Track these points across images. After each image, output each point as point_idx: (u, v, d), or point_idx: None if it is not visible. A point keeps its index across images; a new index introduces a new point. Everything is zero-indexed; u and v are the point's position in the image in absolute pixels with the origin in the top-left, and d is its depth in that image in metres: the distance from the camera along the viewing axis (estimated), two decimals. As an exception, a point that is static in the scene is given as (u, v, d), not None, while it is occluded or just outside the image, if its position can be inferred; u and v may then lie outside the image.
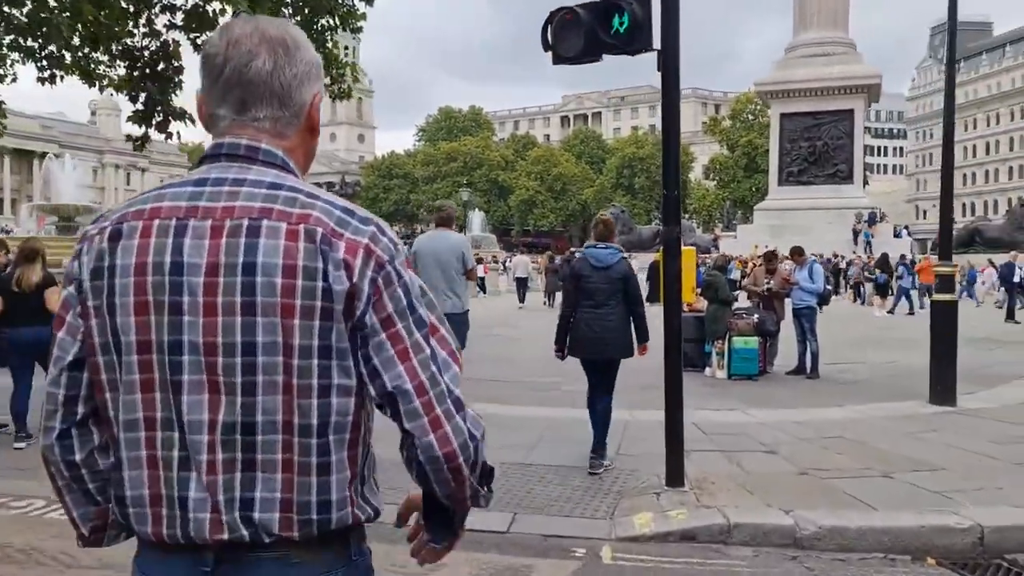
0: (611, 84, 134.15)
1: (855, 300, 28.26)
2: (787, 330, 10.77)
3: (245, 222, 1.14)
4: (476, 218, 64.58)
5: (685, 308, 10.51)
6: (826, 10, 43.25)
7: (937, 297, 8.34)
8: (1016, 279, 20.21)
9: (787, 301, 10.68)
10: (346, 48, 14.37)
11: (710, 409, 8.15)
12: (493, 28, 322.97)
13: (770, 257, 10.72)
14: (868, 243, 38.83)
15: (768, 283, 10.49)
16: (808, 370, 10.36)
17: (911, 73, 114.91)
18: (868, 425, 7.43)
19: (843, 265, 32.24)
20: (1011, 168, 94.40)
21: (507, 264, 37.00)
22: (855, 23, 44.52)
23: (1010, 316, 19.90)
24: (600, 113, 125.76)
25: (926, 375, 10.27)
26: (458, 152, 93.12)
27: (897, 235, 43.41)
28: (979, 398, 8.81)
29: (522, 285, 26.58)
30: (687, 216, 78.46)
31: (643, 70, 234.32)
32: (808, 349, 10.40)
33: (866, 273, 28.01)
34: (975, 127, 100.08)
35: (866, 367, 11.48)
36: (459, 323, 6.83)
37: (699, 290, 10.65)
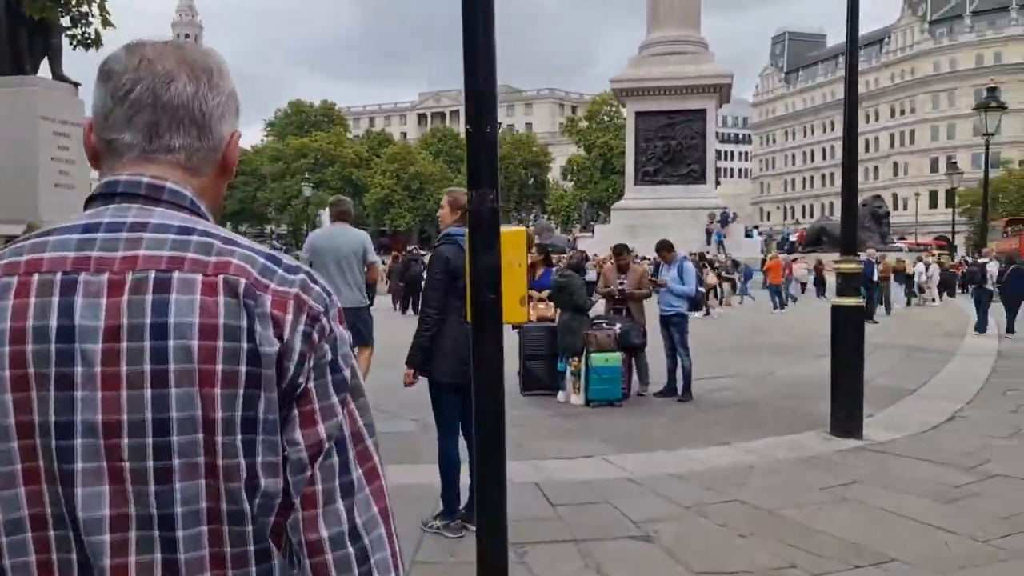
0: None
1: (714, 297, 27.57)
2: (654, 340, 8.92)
3: (151, 275, 0.99)
4: (326, 217, 60.85)
5: (531, 318, 8.44)
6: (678, 8, 43.21)
7: (839, 301, 6.62)
8: (875, 278, 19.62)
9: (646, 305, 8.82)
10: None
11: (561, 458, 6.05)
12: (353, 25, 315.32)
13: (620, 250, 8.88)
14: (720, 243, 38.95)
15: (622, 282, 8.60)
16: (680, 391, 8.53)
17: (753, 80, 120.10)
18: (768, 477, 5.55)
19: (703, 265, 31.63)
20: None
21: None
22: (704, 28, 44.68)
23: (868, 316, 19.26)
24: (458, 111, 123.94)
25: (811, 390, 8.79)
26: (309, 148, 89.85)
27: (748, 235, 43.99)
28: (881, 423, 7.21)
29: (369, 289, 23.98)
30: (546, 216, 78.23)
31: (502, 68, 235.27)
32: (679, 364, 8.57)
33: (723, 273, 27.32)
34: (812, 133, 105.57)
35: (744, 382, 9.82)
36: (365, 318, 6.96)
37: (546, 294, 8.62)
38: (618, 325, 8.21)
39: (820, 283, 30.97)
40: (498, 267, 2.87)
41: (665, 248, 8.73)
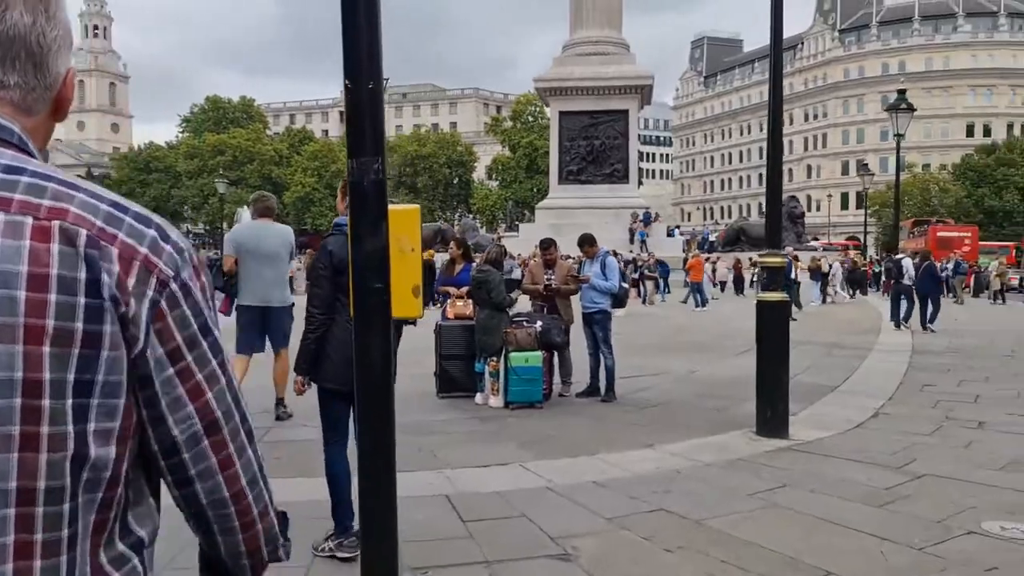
0: (392, 81, 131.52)
1: (637, 296, 27.64)
2: (578, 339, 8.56)
3: None
4: (245, 215, 58.93)
5: (449, 316, 8.00)
6: (601, 8, 43.36)
7: (765, 297, 6.37)
8: (792, 275, 19.85)
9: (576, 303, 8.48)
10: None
11: (476, 466, 5.61)
12: (275, 22, 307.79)
13: (547, 245, 8.47)
14: (643, 242, 39.31)
15: (548, 278, 8.22)
16: (603, 391, 8.19)
17: (675, 84, 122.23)
18: (695, 482, 5.23)
19: (621, 265, 31.69)
20: (761, 175, 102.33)
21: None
22: (625, 31, 45.05)
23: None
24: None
25: (735, 389, 8.59)
26: (226, 145, 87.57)
27: (670, 234, 44.48)
28: (806, 422, 7.01)
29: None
30: (471, 215, 77.81)
31: (427, 68, 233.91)
32: (602, 364, 8.23)
33: (646, 271, 27.42)
34: (730, 136, 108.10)
35: (668, 381, 9.56)
36: (286, 317, 6.75)
37: (465, 291, 8.15)
38: (539, 323, 7.81)
39: (738, 282, 31.49)
40: (385, 251, 2.41)
41: (587, 243, 8.37)
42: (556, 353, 8.23)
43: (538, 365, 7.57)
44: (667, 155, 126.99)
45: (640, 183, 52.47)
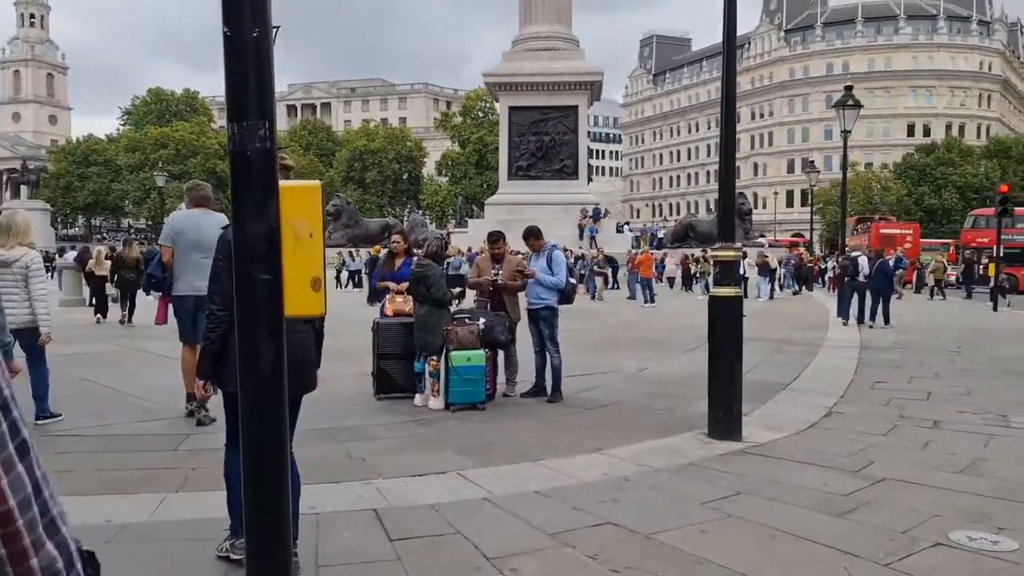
0: (341, 75, 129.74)
1: (585, 292, 27.46)
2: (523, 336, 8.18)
3: None
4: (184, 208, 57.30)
5: (388, 312, 7.56)
6: (550, 4, 43.12)
7: (718, 292, 6.07)
8: (741, 271, 19.82)
9: (523, 299, 8.09)
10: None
11: (410, 475, 5.17)
12: (217, 15, 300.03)
13: (495, 238, 7.99)
14: (593, 238, 39.21)
15: (496, 273, 7.82)
16: (549, 391, 7.83)
17: (623, 82, 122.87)
18: (644, 491, 4.88)
19: (571, 260, 31.47)
20: (709, 172, 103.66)
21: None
22: (575, 29, 44.91)
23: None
24: (330, 104, 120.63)
25: (685, 388, 8.32)
26: (169, 138, 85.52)
27: (619, 231, 44.48)
28: (759, 422, 6.73)
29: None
30: (420, 211, 77.01)
31: (377, 63, 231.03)
32: (548, 363, 7.87)
33: (596, 267, 27.22)
34: (678, 134, 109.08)
35: (617, 379, 9.24)
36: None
37: (405, 287, 7.70)
38: (481, 320, 7.40)
39: (687, 278, 31.54)
40: (274, 236, 1.98)
41: (533, 235, 7.99)
42: (501, 351, 7.86)
43: (481, 364, 7.16)
44: (617, 152, 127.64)
45: (590, 179, 52.55)
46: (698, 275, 26.89)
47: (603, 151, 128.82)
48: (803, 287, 30.57)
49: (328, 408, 7.16)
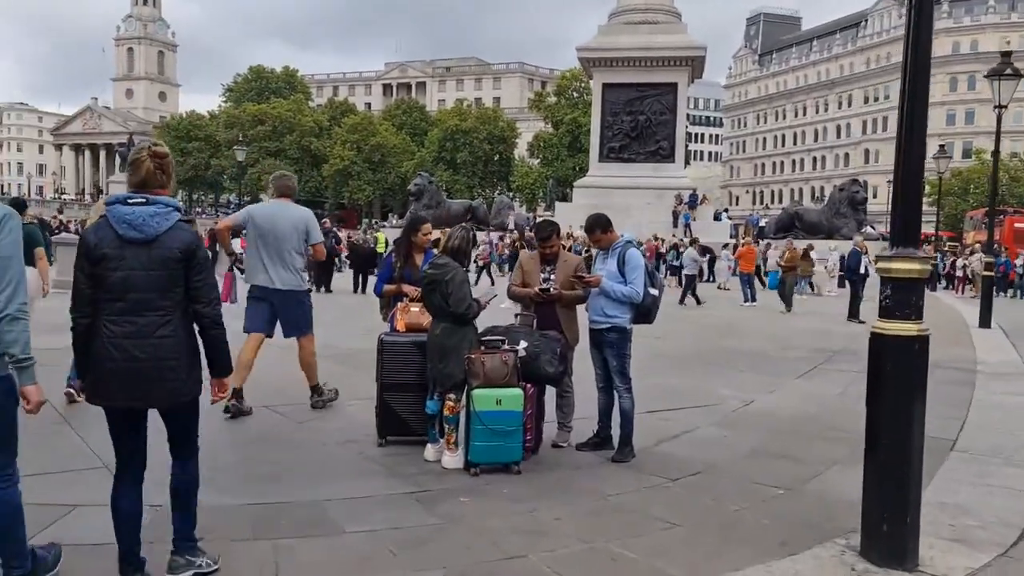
0: (437, 54, 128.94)
1: (677, 286, 24.97)
2: (581, 365, 5.99)
3: None
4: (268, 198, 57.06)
5: (399, 327, 5.53)
6: (651, -27, 40.17)
7: (888, 327, 3.69)
8: (863, 270, 16.93)
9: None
10: None
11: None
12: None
13: (546, 232, 5.70)
14: (688, 226, 36.36)
15: (547, 278, 5.67)
16: (616, 444, 5.64)
17: (727, 62, 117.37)
18: None
19: (664, 249, 28.87)
20: (815, 158, 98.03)
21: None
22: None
23: (853, 315, 16.60)
24: (425, 83, 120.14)
25: (807, 438, 6.00)
26: (267, 115, 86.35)
27: (717, 218, 41.44)
28: (933, 527, 4.28)
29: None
30: (510, 193, 75.21)
31: (471, 41, 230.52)
32: (616, 402, 5.69)
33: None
34: (784, 117, 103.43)
35: (709, 423, 6.93)
36: (299, 302, 6.50)
37: (419, 293, 5.63)
38: (522, 344, 5.26)
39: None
40: None
41: (600, 227, 5.73)
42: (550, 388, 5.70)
43: (515, 410, 5.02)
44: (717, 136, 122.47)
45: (687, 163, 49.38)
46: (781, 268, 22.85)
47: (702, 134, 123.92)
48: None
49: (308, 457, 5.21)
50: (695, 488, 5.04)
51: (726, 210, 60.15)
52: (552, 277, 5.72)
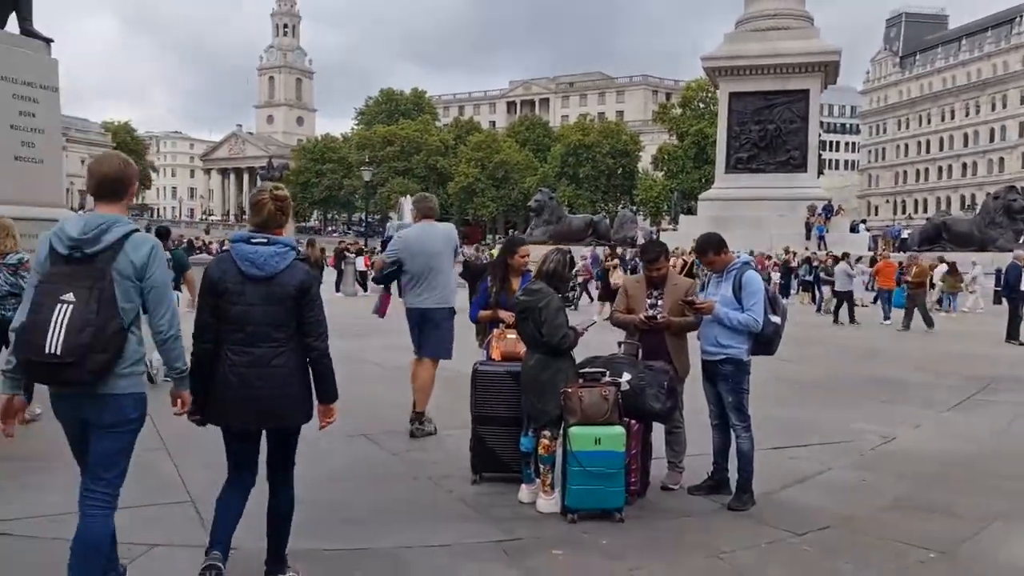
0: (561, 70, 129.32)
1: (811, 302, 23.62)
2: (693, 396, 5.42)
3: None
4: (406, 205, 58.64)
5: (494, 355, 5.21)
6: (781, -23, 38.61)
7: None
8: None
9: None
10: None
11: None
12: (460, 16, 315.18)
13: (654, 254, 5.15)
14: (822, 238, 34.53)
15: (655, 303, 5.15)
16: (733, 489, 5.05)
17: (864, 67, 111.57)
18: None
19: (795, 263, 27.35)
20: (964, 164, 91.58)
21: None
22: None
23: (1013, 336, 14.96)
24: (548, 99, 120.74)
25: (960, 485, 5.20)
26: (395, 136, 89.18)
27: (854, 230, 39.12)
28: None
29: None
30: (633, 207, 74.15)
31: (596, 56, 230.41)
32: (734, 440, 5.09)
33: (823, 273, 23.11)
34: (928, 122, 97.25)
35: (845, 460, 6.18)
36: (438, 319, 6.45)
37: (512, 320, 5.24)
38: (625, 376, 4.78)
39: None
40: None
41: (712, 247, 5.12)
42: (657, 424, 5.17)
43: (617, 451, 4.53)
44: (853, 144, 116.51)
45: (820, 173, 47.02)
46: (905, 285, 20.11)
47: (837, 143, 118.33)
48: None
49: (398, 495, 4.92)
50: (825, 546, 4.38)
51: (863, 221, 56.87)
52: (660, 303, 5.19)
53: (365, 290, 24.92)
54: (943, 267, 23.90)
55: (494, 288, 5.68)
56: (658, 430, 5.33)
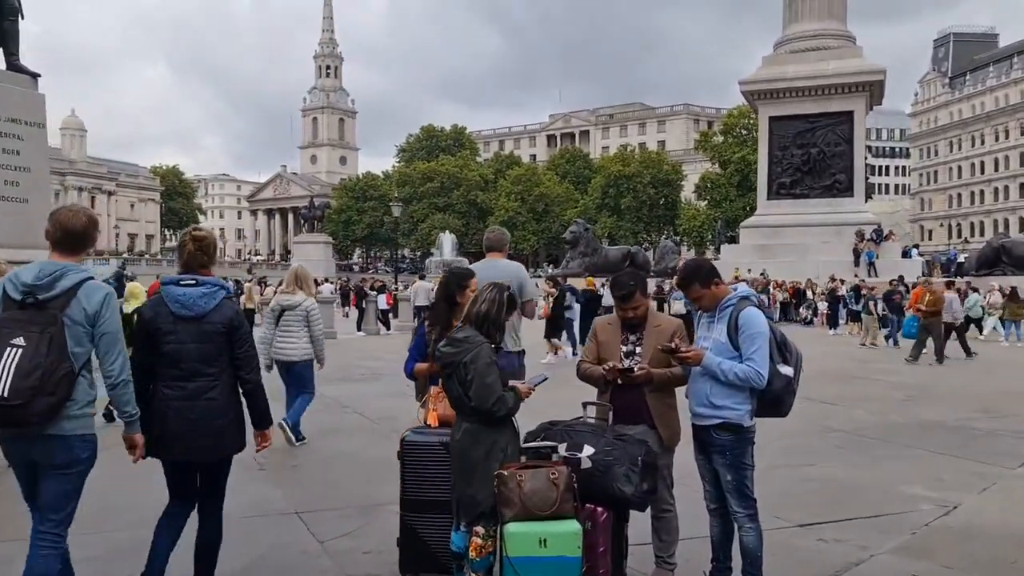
0: (601, 102, 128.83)
1: (859, 332, 21.95)
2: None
3: None
4: (447, 241, 58.11)
5: (430, 421, 4.09)
6: (820, -4, 37.33)
7: None
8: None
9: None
10: None
11: None
12: (498, 55, 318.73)
13: (626, 291, 3.94)
14: (872, 264, 32.76)
15: (632, 351, 4.01)
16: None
17: (912, 89, 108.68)
18: None
19: (842, 292, 25.70)
20: (1021, 185, 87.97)
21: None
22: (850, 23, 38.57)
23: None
24: (588, 131, 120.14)
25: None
26: (435, 172, 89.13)
27: (906, 255, 37.14)
28: None
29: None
30: (676, 237, 72.61)
31: (635, 86, 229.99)
32: (736, 531, 3.89)
33: (869, 303, 21.40)
34: (982, 142, 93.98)
35: (896, 543, 4.91)
36: (512, 363, 5.13)
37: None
38: (586, 450, 3.63)
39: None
40: None
41: (700, 278, 3.92)
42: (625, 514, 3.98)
43: (571, 555, 3.36)
44: (903, 167, 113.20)
45: (868, 197, 45.10)
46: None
47: (887, 167, 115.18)
48: None
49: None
50: None
51: (916, 246, 54.51)
52: (638, 350, 4.04)
53: (388, 328, 24.03)
54: (996, 294, 22.12)
55: (432, 335, 4.49)
56: (642, 513, 4.14)
